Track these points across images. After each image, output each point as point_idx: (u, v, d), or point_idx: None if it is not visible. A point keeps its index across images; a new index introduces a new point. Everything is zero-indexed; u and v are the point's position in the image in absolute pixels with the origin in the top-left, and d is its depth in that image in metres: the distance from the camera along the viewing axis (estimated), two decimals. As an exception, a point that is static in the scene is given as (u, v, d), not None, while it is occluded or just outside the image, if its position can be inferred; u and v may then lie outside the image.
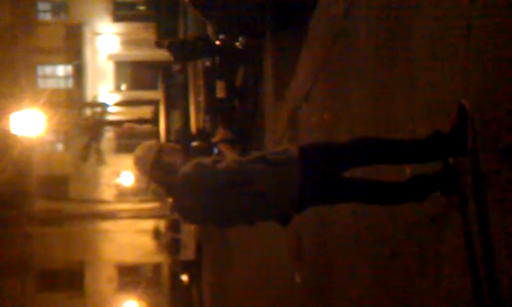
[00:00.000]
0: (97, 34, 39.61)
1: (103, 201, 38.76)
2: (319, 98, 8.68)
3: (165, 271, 37.91)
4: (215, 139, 4.85)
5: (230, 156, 4.61)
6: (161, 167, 4.68)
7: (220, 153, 4.72)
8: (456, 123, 4.17)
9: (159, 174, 4.71)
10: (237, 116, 14.36)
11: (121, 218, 38.27)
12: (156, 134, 21.98)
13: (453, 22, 4.43)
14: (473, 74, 4.12)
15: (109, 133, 37.18)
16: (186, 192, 4.61)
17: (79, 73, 39.24)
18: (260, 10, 9.38)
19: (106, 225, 38.34)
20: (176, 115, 17.56)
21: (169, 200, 5.02)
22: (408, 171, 4.72)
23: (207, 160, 4.63)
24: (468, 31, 4.19)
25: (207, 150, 13.62)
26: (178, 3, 24.26)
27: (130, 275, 38.46)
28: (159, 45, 13.59)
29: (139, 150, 4.79)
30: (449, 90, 4.47)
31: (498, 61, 3.83)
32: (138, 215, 37.85)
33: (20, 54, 36.42)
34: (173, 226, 28.82)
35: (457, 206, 4.28)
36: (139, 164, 4.74)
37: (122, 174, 37.72)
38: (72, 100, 36.96)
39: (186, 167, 4.63)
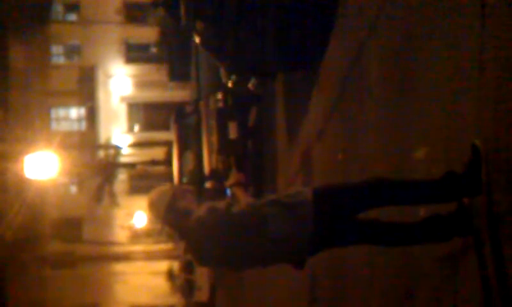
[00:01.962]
0: (110, 76, 39.89)
1: (116, 243, 38.76)
2: (331, 138, 8.69)
3: (179, 313, 37.77)
4: (228, 182, 4.87)
5: (243, 199, 4.62)
6: (175, 211, 4.69)
7: (234, 196, 4.73)
8: (469, 164, 4.17)
9: (172, 219, 4.71)
10: (250, 156, 14.37)
11: (135, 259, 38.22)
12: (169, 175, 21.98)
13: (465, 61, 4.44)
14: (487, 113, 4.12)
15: (122, 175, 37.28)
16: (200, 236, 4.62)
17: (92, 115, 39.46)
18: (272, 52, 9.43)
19: (120, 267, 38.28)
20: (189, 156, 17.56)
21: (183, 242, 5.03)
22: (422, 212, 4.70)
23: (220, 204, 4.64)
24: (481, 69, 4.20)
25: (220, 191, 13.61)
26: (190, 45, 24.43)
27: (144, 317, 38.32)
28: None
29: (153, 194, 4.80)
30: (463, 129, 4.47)
31: (511, 99, 3.84)
32: (152, 257, 37.79)
33: (34, 97, 36.67)
34: (187, 268, 28.74)
35: (473, 246, 4.26)
36: (153, 208, 4.76)
37: (136, 216, 37.74)
38: (85, 142, 37.16)
39: (200, 211, 4.64)
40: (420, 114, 5.35)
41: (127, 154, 37.28)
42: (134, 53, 40.48)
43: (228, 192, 4.85)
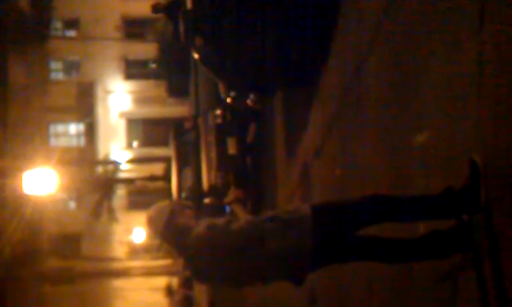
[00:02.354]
0: (109, 92, 39.95)
1: (115, 259, 38.68)
2: (330, 154, 8.69)
3: (178, 329, 37.65)
4: (228, 199, 4.87)
5: (242, 216, 4.63)
6: (173, 228, 4.69)
7: (233, 213, 4.74)
8: (468, 180, 4.17)
9: (171, 235, 4.71)
10: (249, 172, 14.38)
11: (134, 275, 38.15)
12: (168, 191, 21.99)
13: (464, 77, 4.45)
14: (485, 129, 4.12)
15: (121, 191, 37.26)
16: (199, 253, 4.61)
17: (90, 131, 39.50)
18: (270, 68, 9.46)
19: (119, 283, 38.20)
20: (188, 172, 17.57)
21: (182, 258, 5.03)
22: (421, 228, 4.70)
23: (219, 221, 4.64)
24: (479, 86, 4.21)
25: (219, 207, 13.61)
26: (188, 61, 24.46)
27: (143, 333, 38.21)
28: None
29: (151, 211, 4.80)
30: (461, 145, 4.47)
31: (510, 115, 3.84)
32: (150, 273, 37.71)
33: (33, 113, 36.70)
34: (186, 283, 28.72)
35: (472, 262, 4.26)
36: (152, 224, 4.76)
37: (134, 232, 37.69)
38: (84, 157, 37.18)
39: (199, 228, 4.63)
40: (418, 130, 5.36)
41: (126, 170, 37.28)
42: (133, 69, 40.57)
43: (227, 208, 4.89)
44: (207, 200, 15.30)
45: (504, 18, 3.87)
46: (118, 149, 39.31)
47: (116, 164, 36.74)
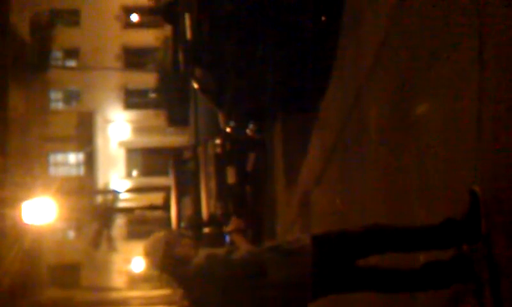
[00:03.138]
0: (108, 121, 40.02)
1: (114, 289, 38.53)
2: (330, 183, 8.69)
3: None
4: (228, 228, 4.85)
5: (243, 246, 4.61)
6: (172, 259, 4.66)
7: (233, 242, 4.72)
8: (468, 210, 4.16)
9: (170, 266, 4.69)
10: (249, 201, 14.36)
11: (133, 305, 37.97)
12: (167, 221, 21.96)
13: (463, 108, 4.45)
14: (485, 160, 4.13)
15: (120, 220, 37.20)
16: (199, 283, 4.59)
17: (90, 161, 39.51)
18: (270, 96, 9.48)
19: (118, 313, 38.03)
20: (188, 201, 17.55)
21: (181, 288, 5.00)
22: (421, 258, 4.69)
23: (219, 251, 4.63)
24: (478, 117, 4.21)
25: (218, 236, 13.58)
26: (188, 90, 24.52)
27: None
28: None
29: (149, 242, 4.78)
30: (461, 176, 4.47)
31: (509, 146, 3.84)
32: (150, 302, 37.54)
33: (33, 142, 36.73)
34: (185, 313, 28.56)
35: (473, 292, 4.24)
36: (150, 256, 4.73)
37: (133, 261, 37.57)
38: (84, 187, 37.15)
39: (199, 258, 4.62)
40: (418, 159, 5.36)
41: (125, 199, 37.25)
42: (132, 98, 40.66)
43: (227, 237, 4.86)
44: (206, 229, 15.28)
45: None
46: (118, 178, 39.30)
47: (115, 193, 36.71)
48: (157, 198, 32.19)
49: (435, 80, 4.99)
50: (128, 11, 40.47)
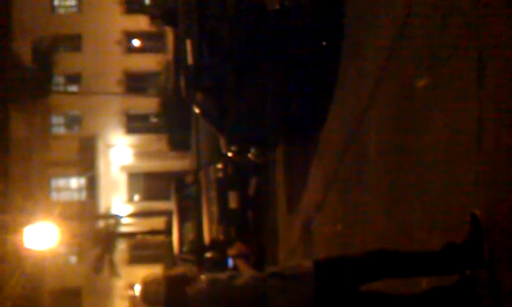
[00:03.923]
0: (110, 146, 40.03)
1: (116, 314, 38.40)
2: (331, 209, 8.69)
3: None
4: (231, 252, 4.85)
5: (246, 271, 4.61)
6: (176, 299, 4.56)
7: (236, 268, 4.72)
8: (470, 234, 4.17)
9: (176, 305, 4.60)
10: (251, 226, 14.35)
11: (135, 330, 37.82)
12: (169, 245, 21.93)
13: (463, 134, 4.47)
14: (486, 184, 4.14)
15: (122, 245, 37.12)
16: (202, 308, 4.59)
17: (92, 185, 39.48)
18: (271, 122, 9.50)
19: (120, 338, 37.88)
20: (190, 226, 17.52)
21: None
22: (423, 283, 4.69)
23: (222, 276, 4.62)
24: (478, 140, 4.23)
25: (220, 261, 13.56)
26: (190, 115, 24.58)
27: None
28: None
29: (146, 285, 4.67)
30: (462, 200, 4.48)
31: (510, 169, 3.85)
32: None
33: (35, 167, 36.74)
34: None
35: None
36: (148, 300, 4.62)
37: (136, 286, 37.47)
38: (85, 212, 37.09)
39: (201, 283, 4.61)
40: (419, 184, 5.37)
41: (127, 224, 37.19)
42: (134, 123, 40.70)
43: (230, 262, 4.87)
44: (208, 254, 15.25)
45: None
46: (119, 203, 39.27)
47: (117, 218, 36.66)
48: (158, 223, 32.19)
49: (436, 102, 5.01)
50: (130, 36, 40.60)
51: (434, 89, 5.04)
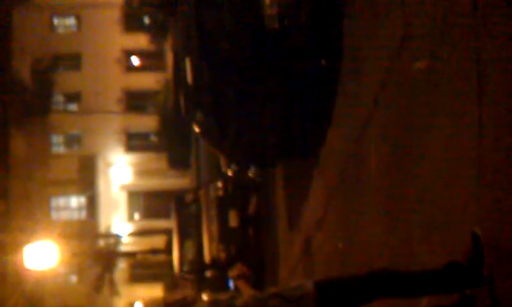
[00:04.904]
0: (110, 164, 40.03)
1: (117, 333, 38.28)
2: (332, 227, 8.67)
3: None
4: (232, 273, 4.82)
5: (246, 292, 4.59)
6: None
7: (237, 288, 4.70)
8: (471, 253, 4.16)
9: None
10: (251, 244, 14.33)
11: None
12: (169, 264, 21.91)
13: (464, 150, 4.47)
14: (487, 202, 4.13)
15: (122, 264, 37.06)
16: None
17: (92, 204, 39.46)
18: (271, 141, 9.50)
19: None
20: (190, 244, 17.51)
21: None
22: (424, 302, 4.67)
23: (223, 297, 4.60)
24: (479, 157, 4.23)
25: (221, 280, 13.54)
26: (189, 133, 24.59)
27: None
28: None
29: None
30: (463, 218, 4.47)
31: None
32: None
33: (34, 187, 36.73)
34: None
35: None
36: None
37: (136, 305, 37.37)
38: (85, 231, 37.03)
39: (202, 304, 4.59)
40: (420, 201, 5.36)
41: (127, 243, 37.14)
42: (134, 141, 40.72)
43: (230, 282, 4.84)
44: (209, 273, 15.21)
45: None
46: (119, 222, 39.22)
47: (117, 237, 36.62)
48: (159, 241, 32.14)
49: (436, 119, 5.00)
50: (129, 54, 40.69)
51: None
